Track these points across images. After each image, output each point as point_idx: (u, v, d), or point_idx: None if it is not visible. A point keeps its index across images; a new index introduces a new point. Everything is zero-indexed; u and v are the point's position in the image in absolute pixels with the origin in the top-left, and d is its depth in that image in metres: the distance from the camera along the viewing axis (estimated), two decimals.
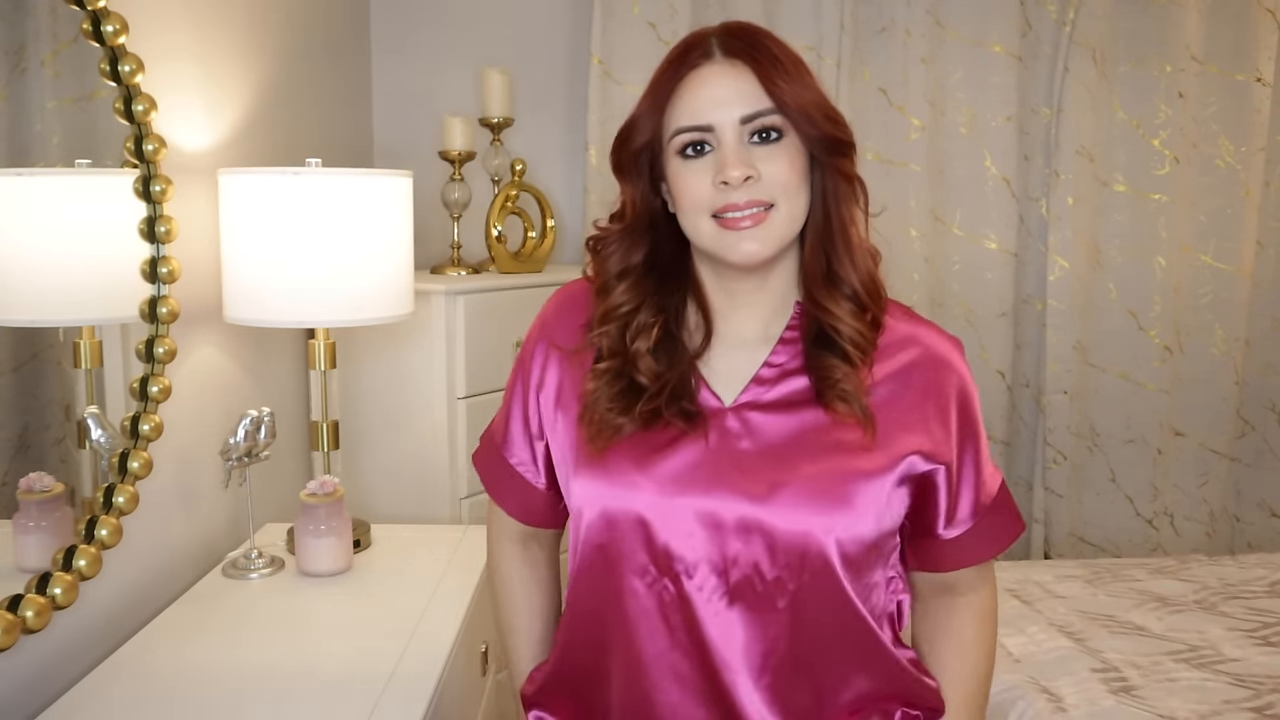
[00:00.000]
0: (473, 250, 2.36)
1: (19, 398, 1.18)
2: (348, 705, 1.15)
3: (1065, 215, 2.61)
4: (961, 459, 0.96)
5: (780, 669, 0.90)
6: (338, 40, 2.28)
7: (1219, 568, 2.21)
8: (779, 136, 0.88)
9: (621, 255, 0.96)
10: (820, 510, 0.88)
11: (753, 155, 0.87)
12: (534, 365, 1.02)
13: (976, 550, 0.99)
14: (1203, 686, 1.65)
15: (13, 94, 1.13)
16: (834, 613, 0.90)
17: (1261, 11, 2.63)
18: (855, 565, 0.90)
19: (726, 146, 0.87)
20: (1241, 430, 2.84)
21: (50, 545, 1.19)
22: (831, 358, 0.91)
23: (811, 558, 0.88)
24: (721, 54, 0.89)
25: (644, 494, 0.90)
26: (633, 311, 0.94)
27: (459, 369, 1.98)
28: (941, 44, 2.59)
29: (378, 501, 2.01)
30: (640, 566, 0.90)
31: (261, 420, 1.54)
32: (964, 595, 1.02)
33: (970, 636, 1.02)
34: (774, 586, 0.88)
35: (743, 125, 0.88)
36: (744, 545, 0.88)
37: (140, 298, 1.36)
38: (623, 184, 0.96)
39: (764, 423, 0.92)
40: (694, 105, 0.88)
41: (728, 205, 0.88)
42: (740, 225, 0.88)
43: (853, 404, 0.89)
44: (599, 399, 0.92)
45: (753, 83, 0.88)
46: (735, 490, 0.89)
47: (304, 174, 1.49)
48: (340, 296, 1.51)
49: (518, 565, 1.08)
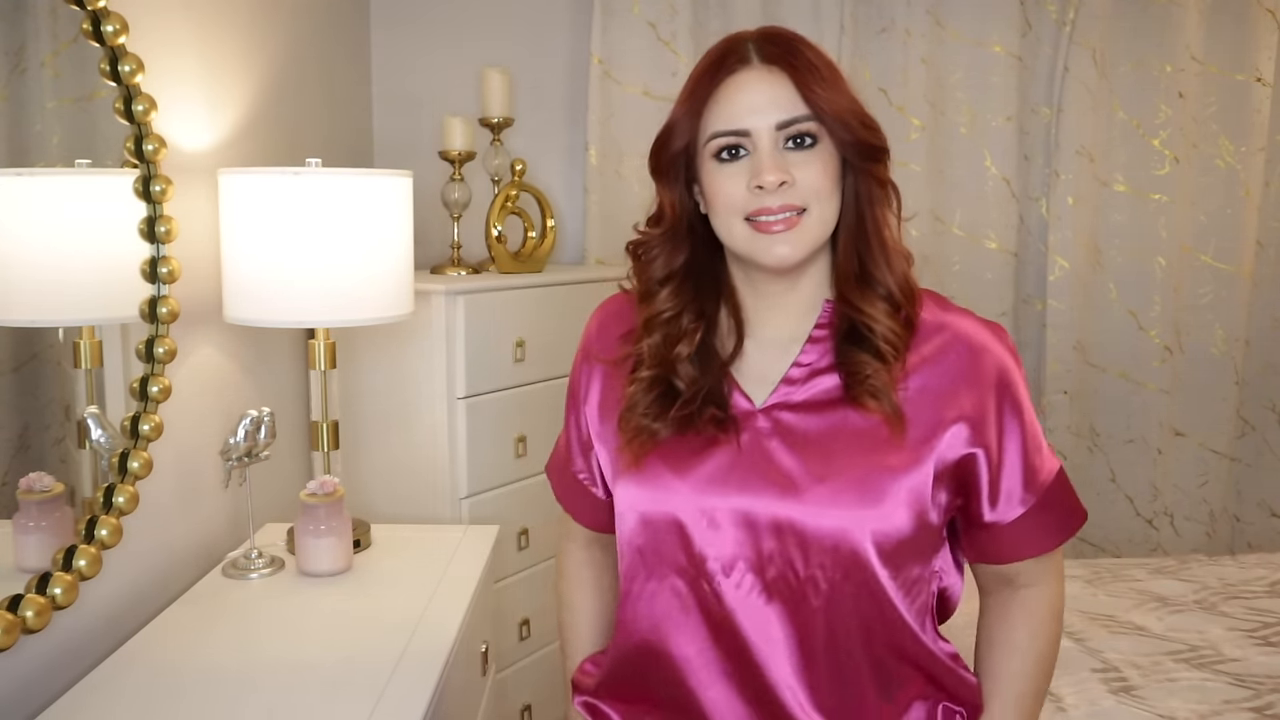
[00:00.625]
0: (473, 250, 2.36)
1: (19, 398, 1.18)
2: (348, 705, 1.15)
3: (1065, 215, 2.62)
4: (1003, 443, 0.94)
5: (818, 664, 0.92)
6: (338, 40, 2.29)
7: (1219, 568, 2.21)
8: (813, 142, 0.90)
9: (665, 260, 0.98)
10: (851, 506, 0.89)
11: (787, 160, 0.89)
12: (580, 380, 1.06)
13: (1031, 541, 0.97)
14: (1203, 686, 1.65)
15: (13, 94, 1.13)
16: (870, 608, 0.91)
17: (1261, 11, 2.63)
18: (893, 560, 0.90)
19: (762, 151, 0.89)
20: (1241, 430, 2.84)
21: (50, 545, 1.19)
22: (863, 354, 0.92)
23: (844, 554, 0.89)
24: (759, 60, 0.91)
25: (679, 497, 0.93)
26: (675, 317, 0.97)
27: (459, 369, 1.98)
28: (941, 44, 2.59)
29: (378, 501, 2.01)
30: (680, 567, 0.94)
31: (261, 420, 1.54)
32: (1022, 590, 1.01)
33: (1022, 636, 1.00)
34: (808, 584, 0.90)
35: (778, 131, 0.89)
36: (778, 543, 0.90)
37: (140, 298, 1.36)
38: (661, 187, 0.98)
39: (795, 422, 0.94)
40: (731, 110, 0.90)
41: (761, 209, 0.89)
42: (773, 229, 0.90)
43: (883, 400, 0.90)
44: (636, 405, 0.96)
45: (790, 89, 0.89)
46: (767, 490, 0.91)
47: (304, 174, 1.49)
48: (340, 296, 1.51)
49: (579, 566, 1.14)
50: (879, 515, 0.89)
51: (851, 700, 0.94)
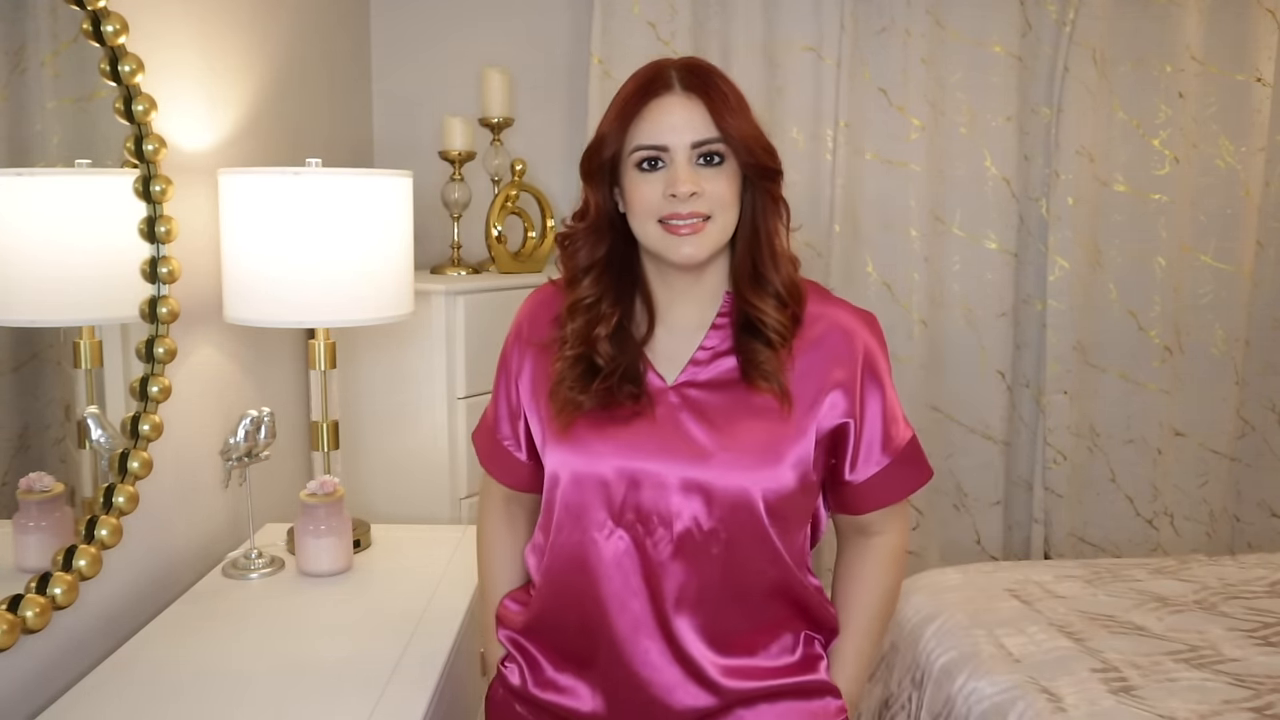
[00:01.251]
0: (473, 250, 2.36)
1: (19, 398, 1.18)
2: (348, 705, 1.15)
3: (1065, 215, 2.62)
4: (864, 412, 1.12)
5: (712, 603, 1.09)
6: (338, 40, 2.29)
7: (1219, 568, 2.21)
8: (721, 161, 1.06)
9: (588, 251, 1.13)
10: (749, 469, 1.06)
11: (698, 174, 1.05)
12: (513, 358, 1.20)
13: (884, 494, 1.15)
14: (1203, 686, 1.65)
15: (13, 94, 1.13)
16: (759, 554, 1.09)
17: (1261, 11, 2.63)
18: (779, 514, 1.08)
19: (678, 165, 1.05)
20: (1241, 430, 2.84)
21: (50, 545, 1.19)
22: (756, 343, 1.08)
23: (741, 510, 1.06)
24: (680, 87, 1.06)
25: (604, 461, 1.09)
26: (596, 302, 1.12)
27: (459, 369, 1.98)
28: (941, 44, 2.59)
29: (378, 501, 2.01)
30: (600, 522, 1.09)
31: (261, 420, 1.54)
32: (874, 536, 1.20)
33: (873, 573, 1.20)
34: (710, 536, 1.07)
35: (693, 149, 1.05)
36: (685, 501, 1.07)
37: (140, 298, 1.36)
38: (589, 188, 1.14)
39: (701, 398, 1.10)
40: (654, 128, 1.05)
41: (673, 214, 1.05)
42: (681, 231, 1.05)
43: (773, 381, 1.07)
44: (564, 379, 1.10)
45: (704, 115, 1.05)
46: (678, 456, 1.07)
47: (304, 174, 1.49)
48: (340, 296, 1.51)
49: (498, 519, 1.27)
50: (771, 476, 1.06)
51: (735, 632, 1.11)
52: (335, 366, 1.67)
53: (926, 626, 1.92)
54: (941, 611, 1.94)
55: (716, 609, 1.09)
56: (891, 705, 1.94)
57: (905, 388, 2.64)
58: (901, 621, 2.01)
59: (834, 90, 2.57)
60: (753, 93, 2.55)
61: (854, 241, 2.62)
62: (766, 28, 2.56)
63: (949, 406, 2.73)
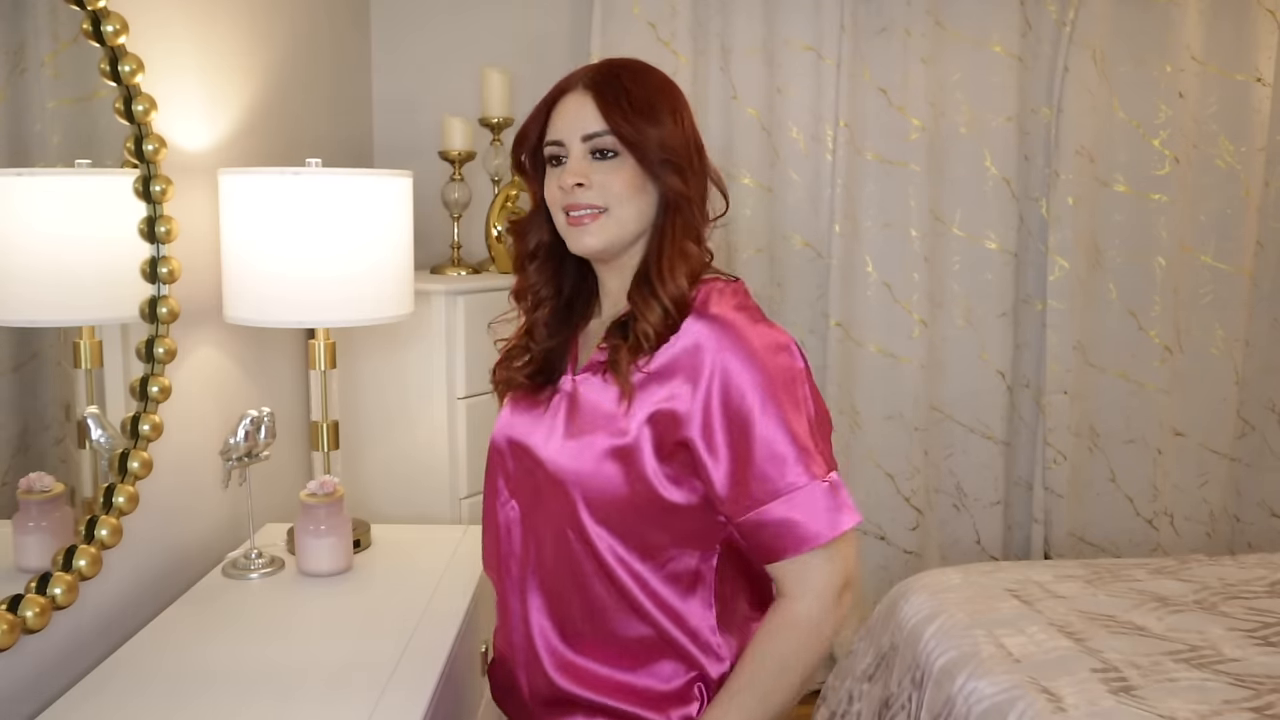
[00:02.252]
0: (473, 250, 2.36)
1: (19, 398, 1.18)
2: (348, 705, 1.15)
3: (1065, 215, 2.62)
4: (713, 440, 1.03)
5: (551, 589, 1.14)
6: (338, 40, 2.29)
7: (1219, 568, 2.21)
8: (615, 155, 1.08)
9: (531, 239, 1.18)
10: (574, 456, 1.08)
11: (592, 168, 1.08)
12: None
13: (769, 545, 1.04)
14: (1203, 686, 1.65)
15: (13, 94, 1.13)
16: (583, 548, 1.09)
17: (1261, 11, 2.63)
18: (609, 517, 1.08)
19: (572, 159, 1.09)
20: (1241, 430, 2.84)
21: (50, 545, 1.19)
22: (618, 338, 1.09)
23: (564, 502, 1.09)
24: (581, 86, 1.10)
25: (499, 432, 1.19)
26: (537, 288, 1.19)
27: (459, 369, 1.98)
28: (941, 44, 2.59)
29: (378, 501, 2.01)
30: (494, 487, 1.20)
31: (261, 420, 1.54)
32: (780, 598, 1.07)
33: (762, 634, 1.07)
34: (544, 521, 1.12)
35: (584, 143, 1.08)
36: (533, 481, 1.13)
37: (140, 298, 1.36)
38: (524, 180, 1.19)
39: (584, 390, 1.13)
40: (555, 125, 1.11)
41: (571, 205, 1.09)
42: (581, 223, 1.09)
43: (618, 376, 1.07)
44: (507, 358, 1.20)
45: (594, 111, 1.08)
46: (539, 439, 1.13)
47: (304, 174, 1.49)
48: (340, 297, 1.51)
49: None
50: (593, 473, 1.07)
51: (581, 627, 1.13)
52: (335, 366, 1.67)
53: (926, 626, 1.92)
54: (941, 611, 1.94)
55: (559, 597, 1.13)
56: (891, 705, 1.94)
57: (905, 388, 2.64)
58: (902, 621, 2.01)
59: (834, 90, 2.57)
60: (753, 93, 2.57)
61: (854, 241, 2.62)
62: (766, 28, 2.56)
63: (949, 406, 2.73)
